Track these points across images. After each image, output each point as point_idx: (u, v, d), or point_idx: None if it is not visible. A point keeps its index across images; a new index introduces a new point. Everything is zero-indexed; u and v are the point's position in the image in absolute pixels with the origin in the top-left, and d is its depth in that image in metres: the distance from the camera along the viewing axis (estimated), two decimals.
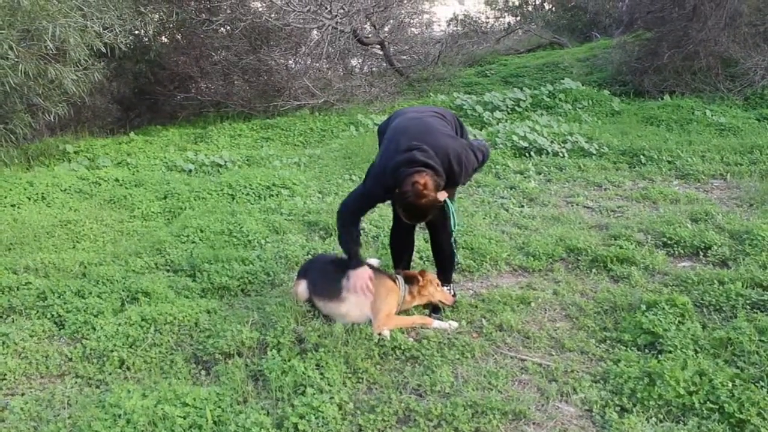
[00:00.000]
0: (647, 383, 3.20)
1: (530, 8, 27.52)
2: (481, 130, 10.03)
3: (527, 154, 8.62)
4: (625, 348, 3.68)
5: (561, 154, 8.52)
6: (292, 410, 3.13)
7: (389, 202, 4.06)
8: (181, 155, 9.54)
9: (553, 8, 26.61)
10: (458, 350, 3.71)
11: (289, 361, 3.56)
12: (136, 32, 11.95)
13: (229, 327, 3.96)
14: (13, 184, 7.48)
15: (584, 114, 11.01)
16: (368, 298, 3.96)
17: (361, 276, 3.95)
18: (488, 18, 27.19)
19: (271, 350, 3.71)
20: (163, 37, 13.80)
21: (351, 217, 3.96)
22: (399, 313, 4.10)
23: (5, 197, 7.13)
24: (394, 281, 4.16)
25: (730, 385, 3.13)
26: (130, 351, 3.88)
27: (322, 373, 3.47)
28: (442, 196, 3.80)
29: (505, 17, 27.63)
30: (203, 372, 3.69)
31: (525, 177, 7.69)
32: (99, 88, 13.58)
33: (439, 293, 4.14)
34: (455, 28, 23.27)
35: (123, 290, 4.71)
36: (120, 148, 10.52)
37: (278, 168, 8.52)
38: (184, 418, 3.14)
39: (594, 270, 4.86)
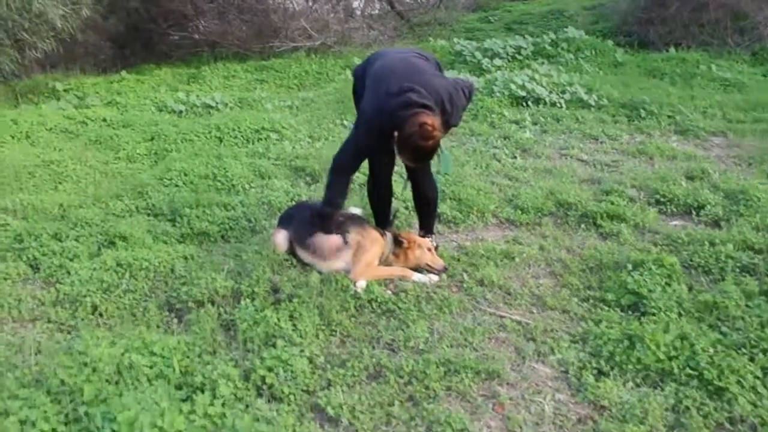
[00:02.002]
0: (627, 346, 3.12)
1: None
2: (479, 77, 9.75)
3: (524, 104, 8.40)
4: (607, 308, 3.59)
5: (559, 105, 8.31)
6: (260, 363, 3.06)
7: None
8: (172, 96, 9.34)
9: None
10: (436, 305, 3.62)
11: (262, 311, 3.48)
12: None
13: (204, 275, 3.87)
14: None
15: (586, 64, 10.71)
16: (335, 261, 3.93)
17: (328, 242, 3.91)
18: None
19: (244, 299, 3.63)
20: None
21: (346, 168, 3.85)
22: None
23: None
24: (382, 235, 4.06)
25: (711, 351, 3.04)
26: (103, 297, 3.79)
27: (294, 325, 3.39)
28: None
29: None
30: (175, 320, 3.61)
31: (520, 127, 7.50)
32: (92, 24, 13.21)
33: (428, 256, 4.01)
34: None
35: (101, 234, 4.61)
36: (111, 86, 10.31)
37: (269, 111, 8.33)
38: (151, 367, 3.06)
39: (583, 226, 4.75)
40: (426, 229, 4.33)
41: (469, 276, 3.97)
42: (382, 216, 4.32)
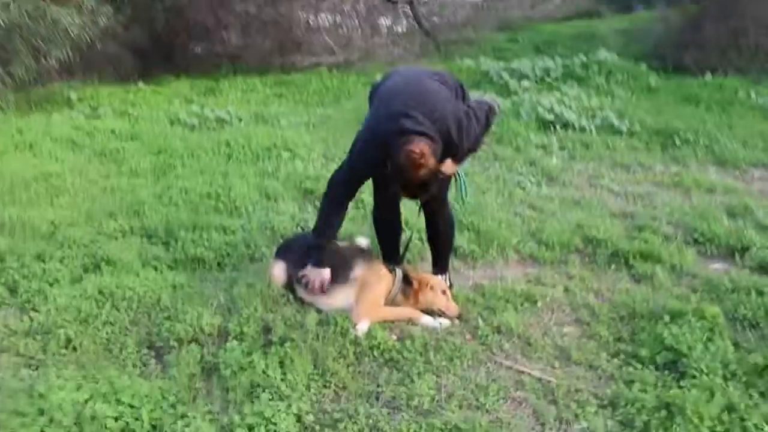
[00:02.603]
0: (664, 417, 2.67)
1: None
2: (505, 98, 9.36)
3: (552, 128, 7.96)
4: (641, 366, 3.14)
5: (588, 130, 7.85)
6: (240, 419, 2.67)
7: None
8: (185, 108, 9.06)
9: None
10: (446, 355, 3.20)
11: (250, 355, 3.09)
12: None
13: (191, 309, 3.50)
14: (2, 131, 7.07)
15: (618, 88, 10.24)
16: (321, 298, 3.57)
17: (318, 276, 3.53)
18: None
19: (231, 340, 3.24)
20: None
21: (338, 194, 3.50)
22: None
23: None
24: (390, 271, 3.66)
25: (766, 427, 2.59)
26: (79, 329, 3.44)
27: (284, 373, 3.00)
28: (451, 168, 3.39)
29: None
30: (153, 360, 3.24)
31: (547, 152, 7.07)
32: (112, 33, 13.09)
33: (440, 300, 3.58)
34: None
35: (87, 256, 4.28)
36: (126, 97, 10.09)
37: (284, 128, 7.99)
38: (116, 419, 2.69)
39: (613, 266, 4.30)
40: (440, 266, 3.93)
41: (485, 322, 3.54)
42: (389, 249, 3.93)
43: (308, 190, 5.65)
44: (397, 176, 3.21)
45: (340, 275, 3.56)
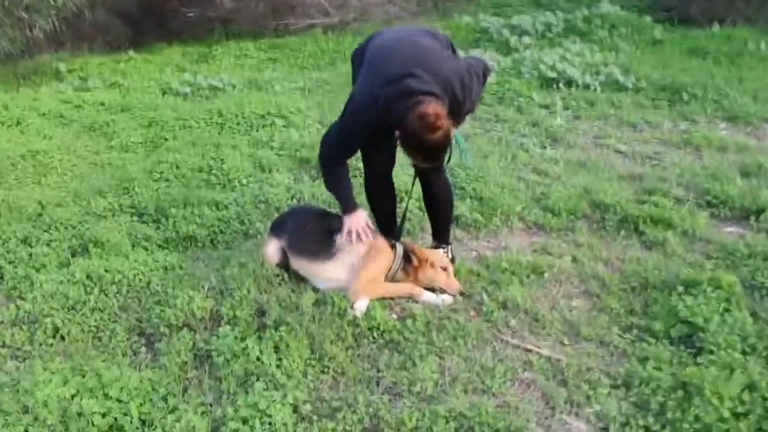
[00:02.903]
0: (681, 398, 2.52)
1: None
2: (506, 56, 9.06)
3: (555, 86, 7.70)
4: (655, 341, 2.97)
5: (593, 87, 7.59)
6: (234, 411, 2.53)
7: None
8: (178, 77, 8.82)
9: None
10: (449, 335, 3.04)
11: (243, 340, 2.94)
12: None
13: (181, 293, 3.34)
14: None
15: (622, 42, 9.92)
16: (363, 247, 3.36)
17: (356, 220, 3.33)
18: None
19: (224, 325, 3.09)
20: None
21: (334, 158, 3.29)
22: None
23: None
24: (392, 247, 3.48)
25: None
26: (67, 316, 3.30)
27: (280, 359, 2.85)
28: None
29: None
30: (144, 348, 3.10)
31: (550, 112, 6.84)
32: (101, 1, 12.74)
33: (441, 278, 3.39)
34: None
35: (75, 237, 4.13)
36: (116, 67, 9.86)
37: (278, 93, 7.75)
38: (104, 415, 2.56)
39: (623, 232, 4.12)
40: (440, 238, 3.75)
41: (490, 297, 3.37)
42: (386, 222, 3.73)
43: (304, 159, 5.46)
44: (411, 145, 2.95)
45: (338, 249, 3.40)
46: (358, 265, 3.36)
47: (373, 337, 3.06)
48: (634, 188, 4.74)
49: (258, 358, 2.84)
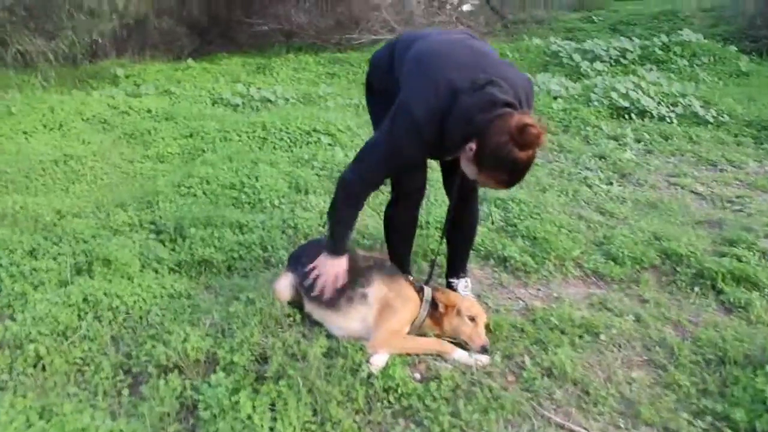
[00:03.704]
0: None
1: None
2: (575, 81, 8.50)
3: (627, 116, 7.10)
4: None
5: (668, 119, 6.96)
6: None
7: None
8: (231, 88, 8.59)
9: None
10: (479, 406, 2.53)
11: (237, 392, 2.51)
12: None
13: (178, 327, 2.94)
14: (35, 109, 6.74)
15: (703, 73, 9.25)
16: (326, 293, 2.90)
17: (337, 267, 2.87)
18: None
19: (218, 371, 2.67)
20: None
21: (366, 186, 2.77)
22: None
23: (20, 123, 6.41)
24: (418, 292, 3.01)
25: None
26: (53, 343, 2.94)
27: (275, 419, 2.40)
28: None
29: None
30: (127, 390, 2.70)
31: (620, 144, 6.25)
32: (168, 9, 12.80)
33: (467, 328, 2.89)
34: None
35: (84, 253, 3.78)
36: (173, 75, 9.74)
37: (329, 109, 7.40)
38: None
39: (697, 289, 3.53)
40: (460, 268, 3.31)
41: (533, 360, 2.84)
42: (403, 254, 3.26)
43: None
44: (494, 163, 2.40)
45: (356, 292, 2.94)
46: (372, 315, 2.90)
47: (389, 402, 2.57)
48: (713, 237, 4.12)
49: (249, 417, 2.40)
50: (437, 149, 2.61)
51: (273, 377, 2.60)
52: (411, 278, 3.11)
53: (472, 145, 2.41)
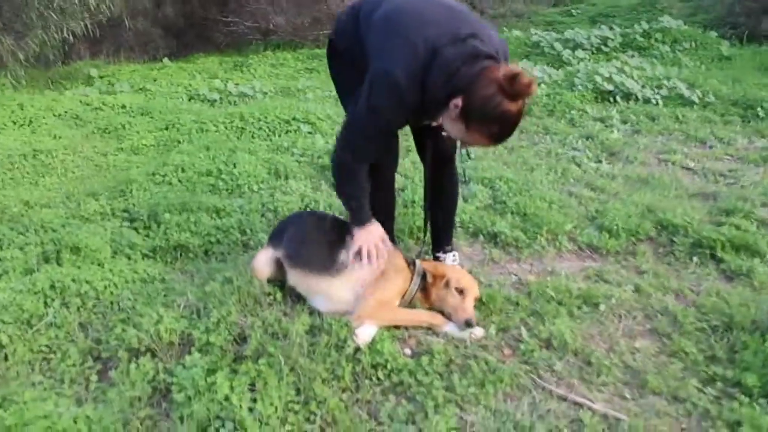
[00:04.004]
0: None
1: None
2: (557, 69, 8.38)
3: (611, 99, 6.98)
4: (747, 399, 2.25)
5: (654, 101, 6.85)
6: None
7: None
8: (208, 84, 8.38)
9: None
10: (475, 379, 2.36)
11: (213, 373, 2.32)
12: None
13: (151, 310, 2.74)
14: (3, 106, 6.50)
15: (685, 58, 9.18)
16: (376, 268, 2.72)
17: (371, 235, 2.73)
18: None
19: (194, 352, 2.47)
20: None
21: (357, 165, 2.62)
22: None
23: None
24: (409, 264, 2.85)
25: None
26: (17, 332, 2.73)
27: (254, 400, 2.21)
28: None
29: None
30: (95, 376, 2.50)
31: (606, 126, 6.12)
32: (143, 10, 12.59)
33: (454, 300, 2.71)
34: None
35: (52, 242, 3.56)
36: (148, 74, 9.52)
37: (309, 100, 7.22)
38: None
39: (696, 259, 3.38)
40: (444, 243, 3.19)
41: (531, 332, 2.68)
42: (387, 230, 3.08)
43: (325, 167, 4.85)
44: (481, 118, 2.23)
45: (343, 261, 2.76)
46: (369, 284, 2.72)
47: (378, 378, 2.39)
48: (708, 209, 3.99)
49: (227, 398, 2.21)
50: (417, 113, 2.46)
51: (252, 356, 2.42)
52: (401, 251, 2.94)
53: (458, 101, 2.26)
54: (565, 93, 7.01)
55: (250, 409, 2.18)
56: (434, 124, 2.67)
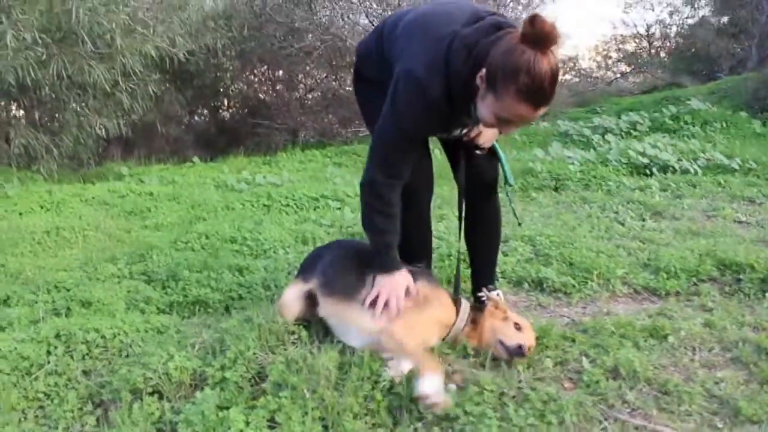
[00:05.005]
0: None
1: (645, 56, 25.24)
2: (587, 151, 8.23)
3: (647, 173, 6.76)
4: None
5: (693, 171, 6.61)
6: None
7: None
8: (236, 176, 8.37)
9: (669, 57, 24.21)
10: (534, 410, 1.99)
11: (225, 409, 2.00)
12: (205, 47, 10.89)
13: (161, 350, 2.45)
14: (32, 192, 6.51)
15: (717, 136, 9.00)
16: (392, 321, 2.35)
17: (394, 283, 2.38)
18: (601, 68, 25.33)
19: (206, 389, 2.16)
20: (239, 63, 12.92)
21: (387, 186, 2.37)
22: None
23: (16, 204, 6.12)
24: (455, 302, 2.52)
25: None
26: (15, 380, 2.45)
27: None
28: (490, 137, 2.54)
29: (618, 66, 25.58)
30: (93, 420, 2.19)
31: (646, 193, 5.85)
32: (176, 118, 12.97)
33: (509, 331, 2.35)
34: (564, 77, 21.47)
35: (65, 299, 3.33)
36: (178, 170, 9.56)
37: (337, 184, 7.12)
38: None
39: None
40: (486, 279, 2.82)
41: (593, 363, 2.33)
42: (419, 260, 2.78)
43: (356, 235, 4.63)
44: (509, 83, 1.95)
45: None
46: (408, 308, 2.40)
47: (418, 412, 2.04)
48: None
49: None
50: (446, 116, 2.25)
51: (272, 390, 2.09)
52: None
53: (482, 74, 2.04)
54: (599, 167, 6.82)
55: None
56: (465, 132, 2.49)
